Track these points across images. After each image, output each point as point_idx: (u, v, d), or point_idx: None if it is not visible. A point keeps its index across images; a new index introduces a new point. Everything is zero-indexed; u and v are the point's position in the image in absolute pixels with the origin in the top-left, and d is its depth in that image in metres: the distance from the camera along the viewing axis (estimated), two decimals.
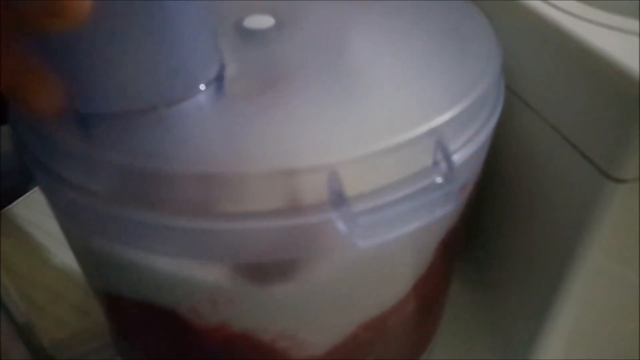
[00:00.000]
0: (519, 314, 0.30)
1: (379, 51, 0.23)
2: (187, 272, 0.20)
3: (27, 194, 0.40)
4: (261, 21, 0.24)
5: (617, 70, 0.20)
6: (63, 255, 0.34)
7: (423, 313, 0.27)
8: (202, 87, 0.20)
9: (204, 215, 0.18)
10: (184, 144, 0.18)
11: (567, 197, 0.24)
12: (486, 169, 0.24)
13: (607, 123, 0.21)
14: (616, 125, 0.20)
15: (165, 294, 0.21)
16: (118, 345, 0.30)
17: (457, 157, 0.20)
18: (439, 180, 0.18)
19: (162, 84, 0.19)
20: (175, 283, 0.20)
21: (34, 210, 0.38)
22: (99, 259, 0.22)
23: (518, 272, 0.29)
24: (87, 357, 0.31)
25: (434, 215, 0.19)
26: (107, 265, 0.22)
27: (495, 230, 0.31)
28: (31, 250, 0.35)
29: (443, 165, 0.18)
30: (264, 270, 0.20)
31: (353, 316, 0.22)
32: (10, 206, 0.39)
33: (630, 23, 0.22)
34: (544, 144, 0.25)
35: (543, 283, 0.27)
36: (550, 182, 0.25)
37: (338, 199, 0.17)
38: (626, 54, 0.20)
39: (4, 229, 0.37)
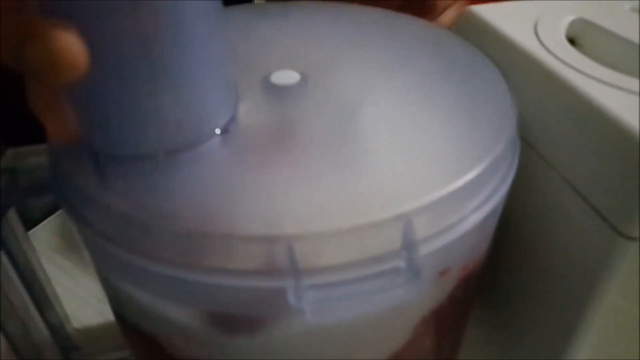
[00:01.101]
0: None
1: (394, 117, 0.23)
2: (164, 308, 0.21)
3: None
4: (287, 77, 0.25)
5: (621, 130, 0.20)
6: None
7: None
8: (209, 137, 0.21)
9: (176, 265, 0.19)
10: (171, 196, 0.20)
11: (580, 249, 0.24)
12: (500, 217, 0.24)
13: (617, 180, 0.21)
14: (624, 183, 0.21)
15: (147, 321, 0.23)
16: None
17: (430, 245, 0.19)
18: (401, 265, 0.18)
19: (164, 135, 0.20)
20: (154, 315, 0.22)
21: None
22: (101, 280, 0.24)
23: (533, 319, 0.29)
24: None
25: (393, 301, 0.19)
26: (105, 286, 0.24)
27: (510, 278, 0.30)
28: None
29: (404, 251, 0.18)
30: (230, 321, 0.21)
31: None
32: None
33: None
34: (558, 195, 0.25)
35: (558, 330, 0.27)
36: (564, 233, 0.25)
37: (291, 271, 0.18)
38: (631, 114, 0.20)
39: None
